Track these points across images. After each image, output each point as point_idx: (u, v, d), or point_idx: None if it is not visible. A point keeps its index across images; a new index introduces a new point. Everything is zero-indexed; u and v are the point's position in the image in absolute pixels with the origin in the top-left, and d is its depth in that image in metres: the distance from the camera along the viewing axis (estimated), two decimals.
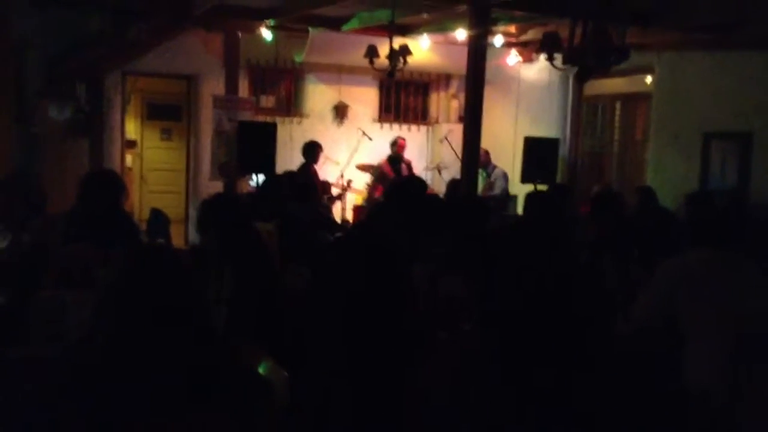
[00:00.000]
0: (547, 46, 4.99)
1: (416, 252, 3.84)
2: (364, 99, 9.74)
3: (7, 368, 2.36)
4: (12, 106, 7.07)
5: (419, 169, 9.20)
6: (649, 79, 8.66)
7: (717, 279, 3.06)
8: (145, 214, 7.94)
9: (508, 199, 8.50)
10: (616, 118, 9.51)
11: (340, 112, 9.51)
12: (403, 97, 10.13)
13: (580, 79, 5.22)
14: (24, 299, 2.86)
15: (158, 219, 5.54)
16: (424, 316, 2.72)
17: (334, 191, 8.17)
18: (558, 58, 5.16)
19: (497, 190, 8.55)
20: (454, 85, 9.98)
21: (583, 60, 4.77)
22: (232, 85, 8.05)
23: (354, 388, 2.27)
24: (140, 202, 9.97)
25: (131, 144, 9.91)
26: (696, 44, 7.72)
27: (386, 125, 9.82)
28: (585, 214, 6.23)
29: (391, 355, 2.40)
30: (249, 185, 7.86)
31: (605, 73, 6.11)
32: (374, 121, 9.77)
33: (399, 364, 2.39)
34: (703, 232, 3.17)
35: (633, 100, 9.24)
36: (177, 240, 7.88)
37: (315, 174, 7.66)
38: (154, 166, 10.57)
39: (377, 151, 8.84)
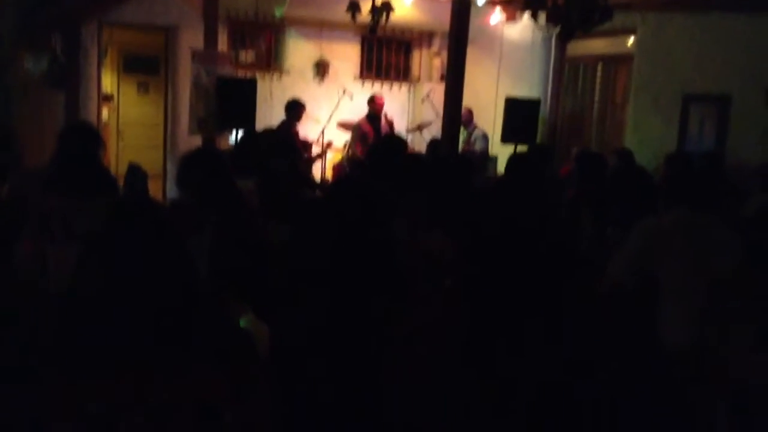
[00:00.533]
0: (531, 3, 4.97)
1: (397, 206, 3.86)
2: (346, 56, 9.64)
3: None
4: None
5: (401, 128, 9.17)
6: (631, 40, 8.65)
7: (691, 239, 3.12)
8: (123, 169, 7.83)
9: (488, 159, 8.52)
10: (597, 79, 9.53)
11: (321, 68, 9.40)
12: (385, 54, 10.04)
13: (563, 39, 5.23)
14: (4, 252, 2.84)
15: (135, 174, 5.46)
16: (405, 268, 2.75)
17: (315, 150, 8.13)
18: (542, 16, 5.16)
19: (477, 150, 8.57)
20: (437, 44, 9.90)
21: (567, 19, 4.78)
22: (211, 39, 7.89)
23: (335, 340, 2.30)
24: (117, 157, 9.83)
25: (108, 98, 9.74)
26: (679, 5, 7.71)
27: (368, 83, 9.74)
28: (565, 174, 6.28)
29: (374, 306, 2.43)
30: (228, 141, 7.80)
31: (588, 34, 6.13)
32: (356, 78, 9.68)
33: (381, 317, 2.42)
34: (679, 193, 3.22)
35: (614, 62, 9.24)
36: (155, 195, 7.82)
37: (296, 133, 7.61)
38: (131, 121, 10.41)
39: (358, 109, 8.79)
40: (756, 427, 2.60)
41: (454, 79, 6.60)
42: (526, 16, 7.95)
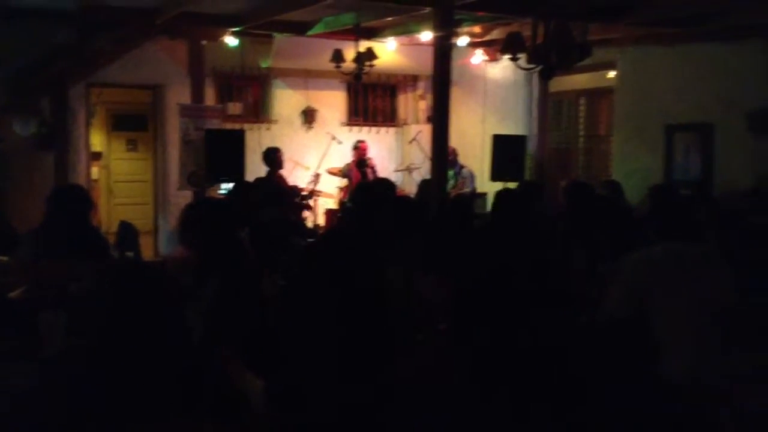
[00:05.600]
0: (510, 46, 5.06)
1: (389, 253, 3.86)
2: (332, 103, 9.75)
3: None
4: None
5: (389, 170, 9.23)
6: (612, 74, 8.80)
7: (682, 271, 3.11)
8: (114, 226, 7.86)
9: (477, 197, 8.58)
10: (581, 113, 9.65)
11: (309, 116, 9.50)
12: (371, 99, 10.16)
13: (544, 77, 5.30)
14: None
15: (127, 232, 5.49)
16: (400, 317, 2.74)
17: (304, 196, 8.16)
18: (522, 57, 5.24)
19: (467, 189, 8.63)
20: (422, 86, 10.04)
21: (546, 58, 4.85)
22: (198, 94, 8.00)
23: (332, 393, 2.28)
24: (108, 214, 9.85)
25: (97, 156, 9.80)
26: (657, 39, 7.87)
27: (355, 128, 9.84)
28: (559, 208, 6.30)
29: (371, 358, 2.41)
30: (218, 194, 7.82)
31: (569, 70, 6.23)
32: (343, 124, 9.78)
33: (378, 366, 2.40)
34: (667, 225, 3.23)
35: (597, 95, 9.38)
36: (146, 252, 7.81)
37: (282, 180, 7.64)
38: (120, 178, 10.45)
39: (347, 155, 8.86)
40: None
41: (439, 120, 6.67)
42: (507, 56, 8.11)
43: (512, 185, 7.51)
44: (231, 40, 8.16)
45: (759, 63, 7.02)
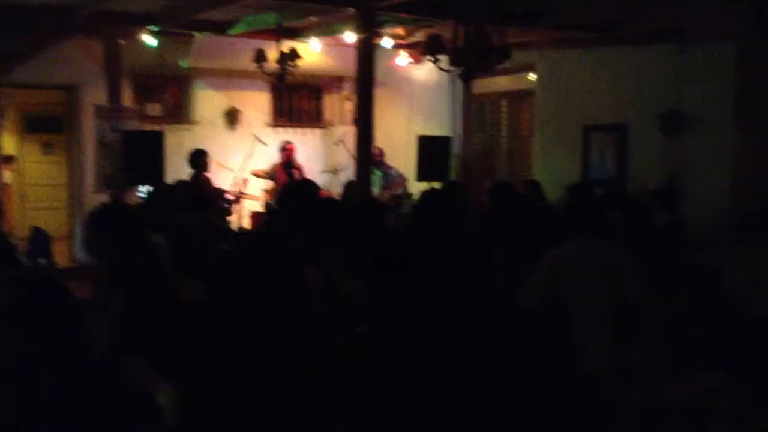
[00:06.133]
0: (431, 48, 5.12)
1: (311, 254, 3.82)
2: (257, 103, 9.63)
3: None
4: None
5: (316, 171, 9.18)
6: (532, 76, 9.01)
7: (594, 266, 3.21)
8: (27, 231, 7.53)
9: (406, 197, 8.64)
10: (503, 115, 9.84)
11: (232, 117, 9.35)
12: (297, 100, 10.08)
13: (465, 79, 5.39)
14: None
15: (39, 237, 5.26)
16: (319, 319, 2.72)
17: (228, 198, 8.02)
18: (444, 59, 5.31)
19: (400, 191, 8.69)
20: (348, 87, 10.02)
21: (466, 61, 4.93)
22: (114, 94, 7.73)
23: (247, 398, 2.24)
24: (22, 219, 9.43)
25: (9, 159, 9.37)
26: (574, 42, 8.11)
27: (280, 129, 9.74)
28: (481, 208, 6.42)
29: (287, 361, 2.38)
30: (137, 197, 7.60)
31: (489, 73, 6.34)
32: (268, 125, 9.67)
33: (294, 369, 2.38)
34: (580, 222, 3.32)
35: (518, 98, 9.58)
36: (61, 258, 7.52)
37: (207, 182, 7.49)
38: (35, 181, 10.05)
39: (273, 157, 8.75)
40: None
41: (363, 121, 6.67)
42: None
43: (437, 185, 7.61)
44: (149, 40, 7.93)
45: (668, 67, 7.34)
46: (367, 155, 6.75)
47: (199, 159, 7.44)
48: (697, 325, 3.21)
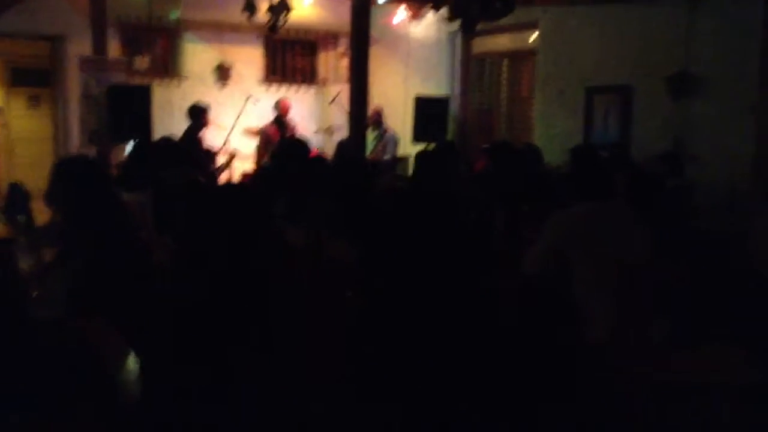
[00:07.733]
0: None
1: (298, 213, 3.63)
2: (249, 59, 9.32)
3: None
4: None
5: (310, 131, 8.92)
6: (534, 35, 8.71)
7: (602, 229, 3.08)
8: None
9: (397, 162, 8.40)
10: (504, 75, 9.55)
11: (223, 73, 9.05)
12: (290, 57, 9.77)
13: (465, 31, 5.14)
14: None
15: (15, 193, 4.99)
16: (304, 279, 2.53)
17: (220, 159, 7.76)
18: (445, 11, 5.04)
19: (388, 155, 8.42)
20: (343, 44, 9.70)
21: (468, 12, 4.68)
22: (100, 46, 7.41)
23: (223, 366, 2.05)
24: (8, 174, 9.19)
25: None
26: None
27: (273, 87, 9.45)
28: (479, 170, 6.19)
29: (267, 323, 2.19)
30: (124, 153, 7.35)
31: (492, 29, 6.07)
32: (260, 82, 9.38)
33: (277, 331, 2.19)
34: (586, 186, 3.17)
35: (519, 57, 9.28)
36: (43, 215, 7.29)
37: (199, 142, 7.25)
38: (22, 136, 9.79)
39: (265, 114, 8.49)
40: (676, 424, 2.51)
41: (358, 80, 6.41)
42: (431, 14, 7.87)
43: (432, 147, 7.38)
44: None
45: (678, 27, 7.03)
46: (361, 115, 6.50)
47: (198, 114, 7.21)
48: (714, 294, 3.04)
